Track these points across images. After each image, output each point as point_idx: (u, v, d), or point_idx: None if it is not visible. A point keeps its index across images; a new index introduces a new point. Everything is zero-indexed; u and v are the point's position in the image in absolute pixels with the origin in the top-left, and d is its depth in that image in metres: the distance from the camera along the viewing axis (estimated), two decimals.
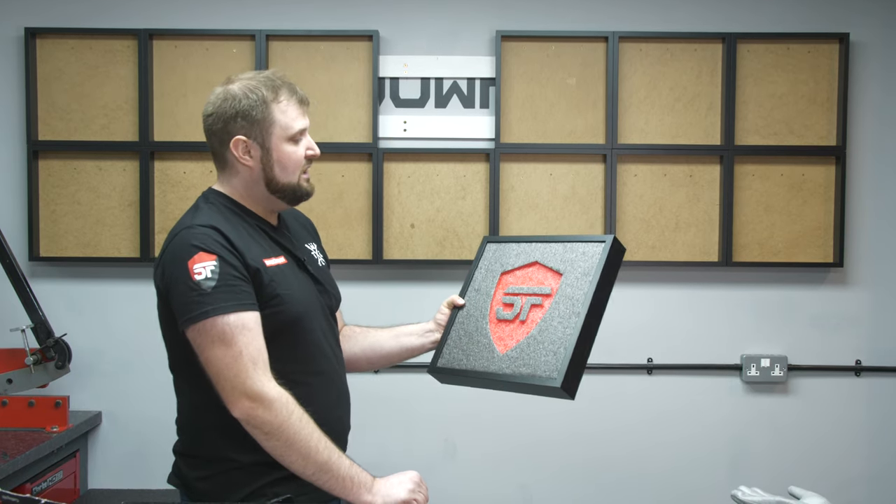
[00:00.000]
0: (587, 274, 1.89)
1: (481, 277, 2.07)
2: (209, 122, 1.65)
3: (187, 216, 1.64)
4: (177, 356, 1.67)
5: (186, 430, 1.69)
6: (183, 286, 1.53)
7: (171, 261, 1.56)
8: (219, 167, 1.70)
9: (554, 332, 1.82)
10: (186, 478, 1.66)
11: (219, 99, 1.64)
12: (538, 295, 1.94)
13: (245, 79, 1.65)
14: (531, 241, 2.02)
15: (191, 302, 1.52)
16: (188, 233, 1.56)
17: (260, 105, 1.62)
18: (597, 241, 1.93)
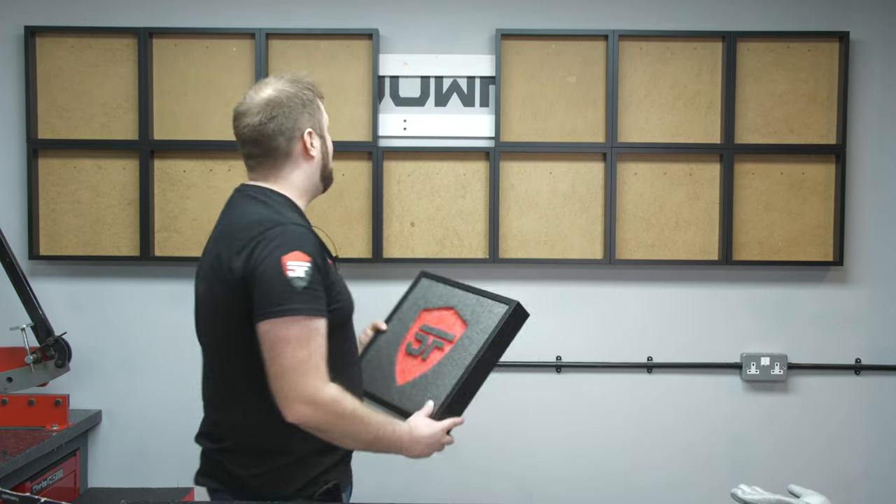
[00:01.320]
0: (485, 331, 2.01)
1: (406, 309, 2.20)
2: (272, 125, 1.71)
3: (269, 212, 1.67)
4: (237, 349, 1.67)
5: (240, 428, 1.71)
6: (275, 279, 1.56)
7: (267, 253, 1.58)
8: (273, 165, 1.75)
9: (442, 378, 1.96)
10: (237, 476, 1.70)
11: (274, 100, 1.72)
12: (443, 339, 2.06)
13: (282, 81, 1.76)
14: (456, 286, 2.16)
15: (279, 296, 1.55)
16: (286, 229, 1.62)
17: (314, 100, 1.77)
18: (503, 302, 2.06)
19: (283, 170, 1.75)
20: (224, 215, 1.76)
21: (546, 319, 2.96)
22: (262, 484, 1.69)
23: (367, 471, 2.97)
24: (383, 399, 2.04)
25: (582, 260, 2.91)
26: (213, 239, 1.74)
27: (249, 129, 1.74)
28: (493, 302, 2.10)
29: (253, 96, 1.75)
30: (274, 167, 1.75)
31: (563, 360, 2.97)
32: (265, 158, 1.75)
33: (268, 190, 1.74)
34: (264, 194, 1.72)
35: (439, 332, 2.09)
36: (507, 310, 2.04)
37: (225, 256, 1.64)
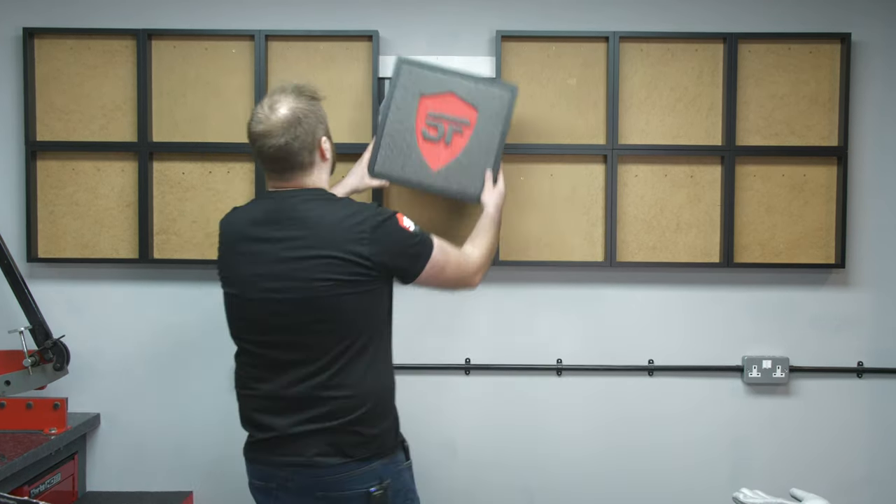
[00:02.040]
0: (500, 116, 2.57)
1: (401, 97, 2.58)
2: (297, 143, 1.98)
3: (342, 203, 2.03)
4: (375, 324, 2.04)
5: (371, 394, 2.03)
6: (408, 240, 2.02)
7: (387, 232, 1.98)
8: (301, 173, 2.03)
9: (477, 161, 2.56)
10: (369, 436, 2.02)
11: (294, 120, 1.98)
12: (459, 125, 2.57)
13: (291, 95, 2.01)
14: (441, 71, 2.58)
15: (421, 248, 2.06)
16: (379, 210, 2.01)
17: (321, 108, 2.07)
18: (500, 86, 2.58)
19: (311, 175, 2.04)
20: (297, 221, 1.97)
21: (546, 322, 2.96)
22: (381, 442, 2.04)
23: None
24: (426, 184, 2.59)
25: (582, 262, 2.90)
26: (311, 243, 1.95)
27: (275, 150, 1.97)
28: (491, 86, 2.58)
29: (269, 115, 1.97)
30: (301, 175, 2.03)
31: (564, 362, 2.96)
32: (293, 171, 2.02)
33: (318, 190, 2.05)
34: (321, 194, 2.03)
35: (451, 117, 2.57)
36: (512, 95, 2.57)
37: (342, 253, 1.93)
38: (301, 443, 1.99)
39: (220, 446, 2.94)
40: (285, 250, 1.95)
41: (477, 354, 2.96)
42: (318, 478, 1.98)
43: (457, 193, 2.58)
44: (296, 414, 1.99)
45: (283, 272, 1.95)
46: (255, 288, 1.98)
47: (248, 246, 2.01)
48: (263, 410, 2.04)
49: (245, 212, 2.09)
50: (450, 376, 2.97)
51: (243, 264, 2.01)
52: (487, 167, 2.54)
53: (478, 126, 2.56)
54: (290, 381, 1.99)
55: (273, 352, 2.00)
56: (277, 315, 1.97)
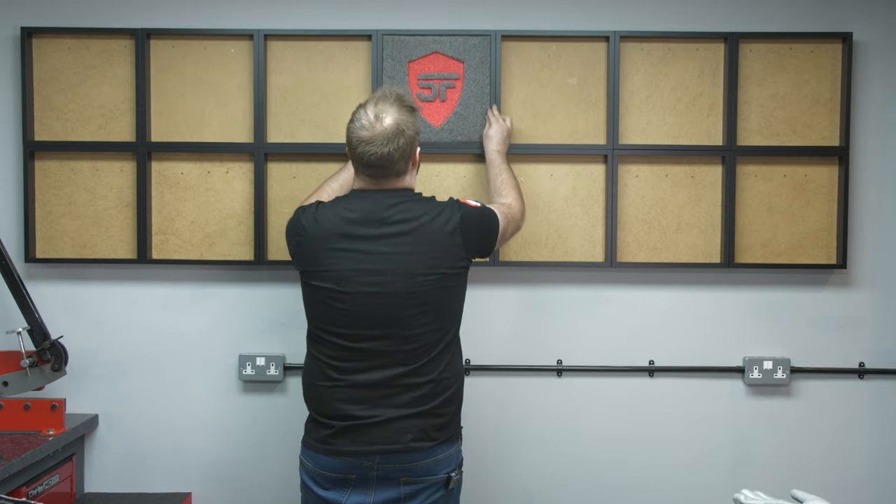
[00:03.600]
0: (484, 62, 2.84)
1: (391, 66, 2.84)
2: (398, 154, 2.14)
3: (436, 201, 2.25)
4: (461, 311, 2.28)
5: (456, 376, 2.25)
6: (484, 218, 2.30)
7: (469, 217, 2.22)
8: (398, 177, 2.21)
9: (474, 109, 2.86)
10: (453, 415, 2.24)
11: (399, 131, 2.14)
12: (450, 79, 2.84)
13: (394, 106, 2.16)
14: (425, 33, 2.84)
15: (493, 220, 2.33)
16: (456, 204, 2.25)
17: (417, 119, 2.24)
18: (482, 33, 2.83)
19: (403, 180, 2.22)
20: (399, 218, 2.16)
21: (547, 323, 2.96)
22: (458, 425, 2.28)
23: None
24: (434, 142, 2.85)
25: (583, 263, 2.91)
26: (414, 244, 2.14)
27: (377, 157, 2.13)
28: (472, 36, 2.84)
29: (375, 124, 2.12)
30: (397, 179, 2.20)
31: (564, 363, 2.96)
32: (390, 175, 2.19)
33: (408, 190, 2.24)
34: (411, 195, 2.23)
35: (441, 75, 2.84)
36: (495, 36, 2.83)
37: (443, 247, 2.16)
38: (395, 429, 2.13)
39: (219, 447, 2.94)
40: (387, 247, 2.13)
41: (476, 355, 2.96)
42: (408, 463, 2.14)
43: (465, 144, 2.85)
44: (388, 401, 2.14)
45: (387, 268, 2.12)
46: (354, 282, 2.13)
47: (347, 243, 2.15)
48: (351, 400, 2.15)
49: (337, 210, 2.20)
50: None
51: (340, 260, 2.14)
52: (482, 113, 2.83)
53: (467, 76, 2.84)
54: (383, 370, 2.15)
55: (366, 343, 2.14)
56: (378, 307, 2.13)
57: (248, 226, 2.90)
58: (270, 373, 2.93)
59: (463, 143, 2.87)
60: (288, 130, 2.90)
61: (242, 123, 2.90)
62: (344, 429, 2.15)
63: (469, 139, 2.87)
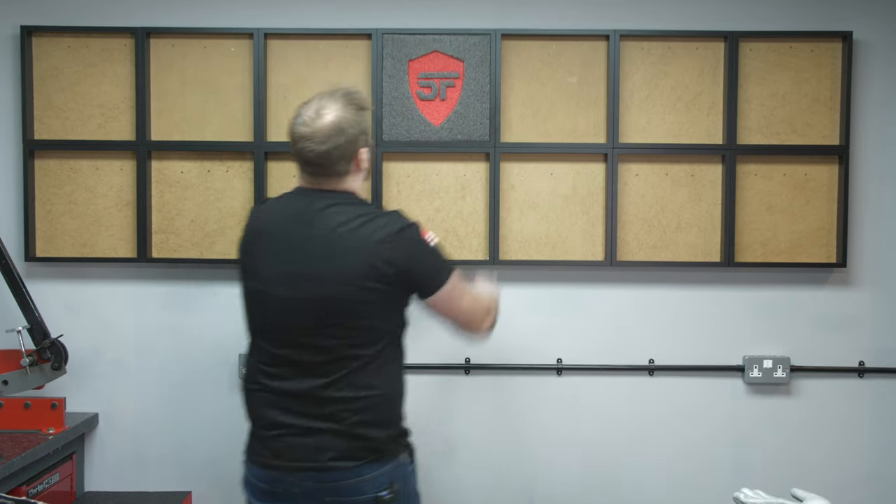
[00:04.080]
0: (484, 61, 2.84)
1: (391, 65, 2.84)
2: (337, 153, 1.98)
3: (374, 209, 2.04)
4: (391, 330, 2.05)
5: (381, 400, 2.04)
6: (431, 254, 2.02)
7: (410, 239, 1.98)
8: (337, 178, 2.04)
9: (474, 108, 2.85)
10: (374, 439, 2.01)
11: (338, 129, 1.98)
12: (449, 78, 2.84)
13: (339, 103, 2.00)
14: (425, 31, 2.84)
15: (442, 262, 2.04)
16: (402, 217, 2.02)
17: (365, 118, 2.07)
18: (481, 32, 2.83)
19: (345, 181, 2.05)
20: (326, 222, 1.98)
21: (547, 322, 2.96)
22: (391, 446, 2.04)
23: None
24: (434, 141, 2.86)
25: (583, 262, 2.91)
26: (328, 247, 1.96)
27: (315, 155, 1.98)
28: (472, 35, 2.84)
29: (315, 120, 1.98)
30: (337, 180, 2.04)
31: (564, 362, 2.97)
32: (328, 176, 2.03)
33: (349, 194, 2.06)
34: (352, 199, 2.05)
35: (441, 73, 2.84)
36: (495, 35, 2.82)
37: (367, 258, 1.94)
38: (315, 445, 1.98)
39: (219, 446, 2.95)
40: (311, 250, 1.96)
41: (477, 354, 2.96)
42: (330, 482, 1.97)
43: (465, 143, 2.85)
44: (309, 413, 1.98)
45: (308, 272, 1.95)
46: (277, 284, 1.98)
47: (275, 243, 2.01)
48: (276, 408, 2.01)
49: (276, 206, 2.09)
50: (450, 376, 2.97)
51: (267, 261, 2.01)
52: (485, 113, 2.85)
53: (467, 75, 2.85)
54: (304, 380, 1.98)
55: (288, 350, 1.99)
56: (298, 314, 1.97)
57: None
58: None
59: (463, 141, 2.87)
60: (288, 129, 2.90)
61: (242, 122, 2.90)
62: (270, 438, 2.02)
63: (469, 138, 2.86)
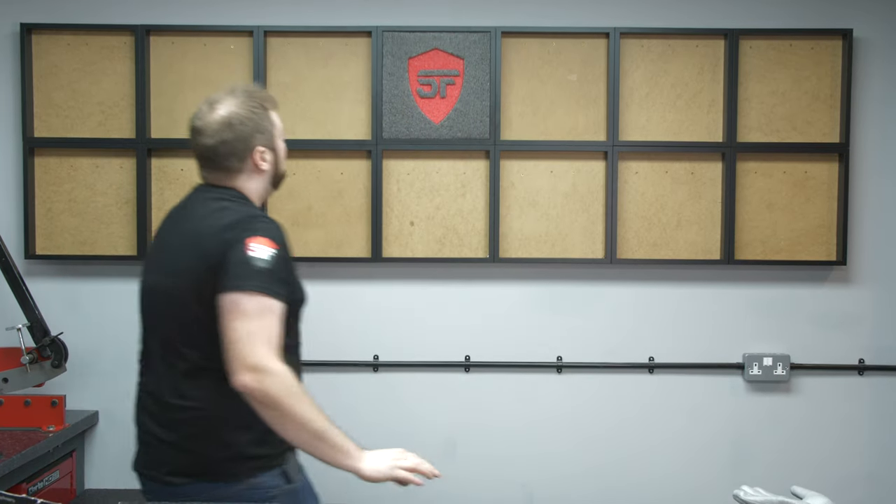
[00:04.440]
0: (484, 59, 2.84)
1: (390, 63, 2.84)
2: (225, 148, 1.86)
3: (242, 207, 1.85)
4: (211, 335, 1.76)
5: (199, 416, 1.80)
6: (241, 257, 1.72)
7: (236, 237, 1.75)
8: (227, 176, 1.90)
9: (474, 105, 2.85)
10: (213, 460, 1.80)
11: (227, 124, 1.86)
12: (450, 76, 2.84)
13: (236, 99, 1.89)
14: (425, 29, 2.84)
15: (241, 272, 1.71)
16: (261, 220, 1.81)
17: (266, 117, 1.92)
18: (482, 30, 2.83)
19: (238, 180, 1.91)
20: (188, 211, 1.89)
21: (547, 320, 2.96)
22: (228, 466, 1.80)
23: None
24: (434, 139, 2.85)
25: (583, 259, 2.91)
26: (184, 235, 1.83)
27: (203, 149, 1.89)
28: (472, 32, 2.83)
29: (207, 113, 1.88)
30: (228, 178, 1.91)
31: (564, 360, 2.97)
32: (217, 172, 1.91)
33: (233, 191, 1.90)
34: (232, 194, 1.89)
35: (441, 71, 2.84)
36: (494, 32, 2.83)
37: (202, 249, 1.77)
38: (158, 456, 1.83)
39: None
40: (171, 241, 1.87)
41: (477, 352, 2.96)
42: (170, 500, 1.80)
43: (465, 140, 2.85)
44: (156, 417, 1.85)
45: (162, 266, 1.86)
46: (145, 276, 1.90)
47: (156, 238, 1.95)
48: (138, 405, 1.91)
49: (177, 204, 2.01)
50: (450, 373, 2.97)
51: (148, 255, 1.96)
52: (485, 111, 2.83)
53: (467, 73, 2.84)
54: (150, 379, 1.87)
55: (145, 346, 1.90)
56: (150, 309, 1.88)
57: None
58: None
59: (463, 139, 2.86)
60: (288, 127, 2.88)
61: None
62: (137, 439, 1.91)
63: (469, 136, 2.86)
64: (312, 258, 2.90)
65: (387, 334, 2.96)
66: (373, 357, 2.96)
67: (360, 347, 2.96)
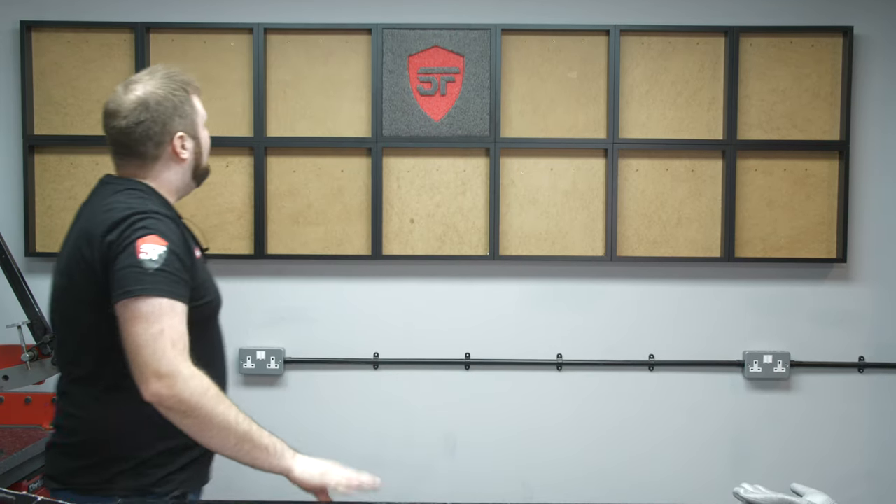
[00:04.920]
0: (484, 56, 2.83)
1: (390, 60, 2.83)
2: (140, 130, 1.71)
3: (133, 203, 1.65)
4: (106, 350, 1.62)
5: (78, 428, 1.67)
6: (128, 262, 1.55)
7: (121, 238, 1.58)
8: (141, 164, 1.74)
9: (474, 103, 2.84)
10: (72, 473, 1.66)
11: (143, 104, 1.70)
12: (450, 73, 2.83)
13: (154, 79, 1.74)
14: (425, 26, 2.83)
15: (131, 278, 1.54)
16: (144, 217, 1.61)
17: (187, 100, 1.75)
18: (481, 27, 2.82)
19: (153, 170, 1.75)
20: (87, 208, 1.73)
21: (547, 317, 2.96)
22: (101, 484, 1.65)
23: (361, 470, 2.99)
24: (434, 136, 2.83)
25: (583, 257, 2.91)
26: (76, 233, 1.69)
27: (117, 132, 1.74)
28: (472, 30, 2.83)
29: (122, 95, 1.74)
30: (142, 167, 1.75)
31: (564, 358, 2.96)
32: (131, 159, 1.75)
33: (134, 181, 1.74)
34: (130, 185, 1.72)
35: (441, 69, 2.83)
36: (496, 29, 2.82)
37: (87, 251, 1.62)
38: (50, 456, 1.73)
39: None
40: (66, 244, 1.74)
41: (477, 349, 2.96)
42: None
43: (465, 138, 2.84)
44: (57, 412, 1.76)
45: (59, 267, 1.73)
46: (53, 276, 1.77)
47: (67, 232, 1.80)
48: None
49: None
50: (450, 371, 2.97)
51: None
52: (485, 108, 2.83)
53: (467, 70, 2.83)
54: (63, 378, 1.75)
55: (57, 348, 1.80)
56: (51, 311, 1.77)
57: (247, 220, 2.90)
58: (270, 367, 2.93)
59: (463, 136, 2.86)
60: (288, 124, 2.90)
61: (242, 117, 2.89)
62: None
63: (469, 133, 2.86)
64: (312, 256, 2.90)
65: (387, 332, 2.96)
66: (373, 354, 2.96)
67: (361, 345, 2.96)
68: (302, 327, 2.95)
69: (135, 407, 1.56)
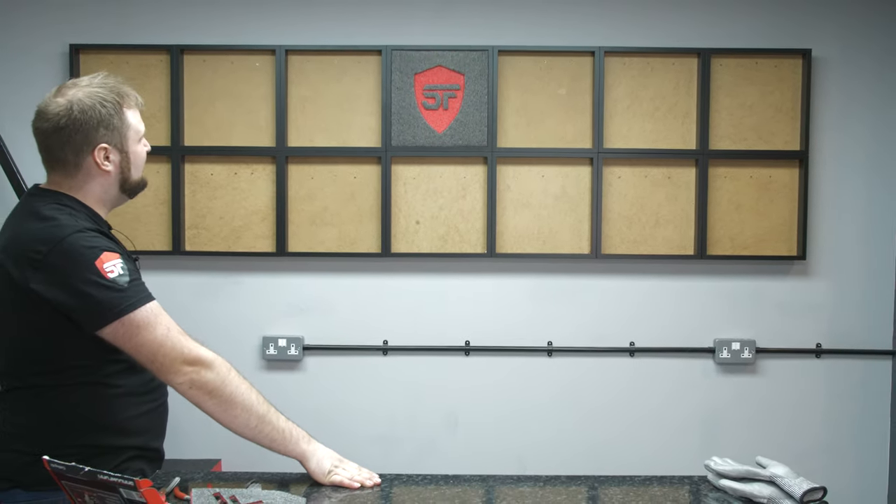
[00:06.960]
0: (482, 74, 2.87)
1: (398, 78, 2.87)
2: (60, 137, 1.54)
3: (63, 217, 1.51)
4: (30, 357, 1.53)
5: (29, 442, 1.52)
6: (98, 287, 1.46)
7: (73, 265, 1.46)
8: (65, 172, 1.58)
9: (473, 116, 2.87)
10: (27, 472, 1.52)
11: (66, 110, 1.53)
12: (452, 90, 2.87)
13: (87, 87, 1.57)
14: (429, 48, 2.87)
15: (112, 300, 1.46)
16: (79, 237, 1.48)
17: (117, 113, 1.58)
18: (480, 49, 2.86)
19: (76, 179, 1.58)
20: (13, 222, 1.57)
21: (538, 308, 2.98)
22: None
23: (372, 446, 3.02)
24: (437, 146, 2.87)
25: (571, 254, 2.93)
26: (2, 248, 1.53)
27: (39, 133, 1.57)
28: (472, 51, 2.86)
29: (52, 97, 1.56)
30: (66, 175, 1.58)
31: (554, 344, 2.99)
32: (53, 166, 1.58)
33: (61, 195, 1.57)
34: (56, 200, 1.56)
35: (444, 86, 2.87)
36: (492, 51, 2.84)
37: (17, 272, 1.47)
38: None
39: None
40: None
41: (476, 337, 2.98)
42: None
43: (465, 147, 2.88)
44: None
45: None
46: None
47: None
48: None
49: None
50: (452, 357, 2.99)
51: None
52: (484, 120, 2.87)
53: (467, 87, 2.87)
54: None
55: None
56: None
57: (270, 221, 2.92)
58: (291, 353, 2.95)
59: (463, 146, 2.89)
60: (307, 135, 2.92)
61: (266, 129, 2.92)
62: None
63: (469, 143, 2.89)
64: (329, 253, 2.92)
65: (395, 322, 2.98)
66: (382, 342, 2.98)
67: (371, 333, 2.99)
68: (319, 317, 2.98)
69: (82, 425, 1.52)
